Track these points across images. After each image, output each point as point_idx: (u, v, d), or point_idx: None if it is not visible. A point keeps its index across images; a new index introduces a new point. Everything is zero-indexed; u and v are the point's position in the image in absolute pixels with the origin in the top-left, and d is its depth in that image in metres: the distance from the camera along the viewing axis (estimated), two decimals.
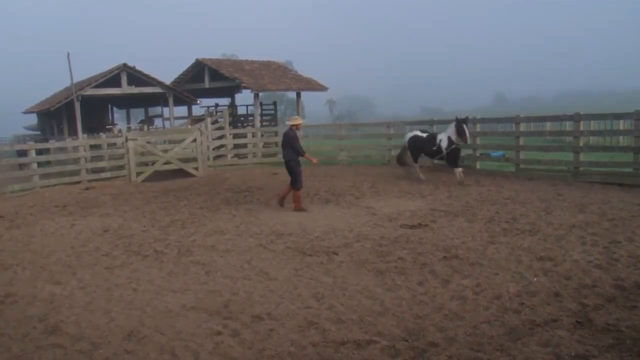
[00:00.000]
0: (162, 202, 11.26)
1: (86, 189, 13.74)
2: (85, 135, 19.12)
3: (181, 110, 26.19)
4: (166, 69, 33.82)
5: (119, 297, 5.50)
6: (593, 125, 20.96)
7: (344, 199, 10.63)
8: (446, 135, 12.29)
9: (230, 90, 23.90)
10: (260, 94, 21.05)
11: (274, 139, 19.67)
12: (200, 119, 21.06)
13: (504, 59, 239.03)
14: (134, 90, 21.73)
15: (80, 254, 7.22)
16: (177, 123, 24.32)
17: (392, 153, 16.62)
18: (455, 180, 11.98)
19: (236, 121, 23.06)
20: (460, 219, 8.36)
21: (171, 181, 14.75)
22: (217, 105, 25.96)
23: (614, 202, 9.09)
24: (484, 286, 5.35)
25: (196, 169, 15.92)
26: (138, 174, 15.11)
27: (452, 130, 12.11)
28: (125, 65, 21.05)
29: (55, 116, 23.82)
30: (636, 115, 10.82)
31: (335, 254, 6.69)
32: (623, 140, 18.84)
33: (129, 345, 4.38)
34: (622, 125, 20.29)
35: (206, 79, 21.96)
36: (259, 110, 21.19)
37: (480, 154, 14.32)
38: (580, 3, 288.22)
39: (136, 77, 21.58)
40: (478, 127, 14.24)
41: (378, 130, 19.72)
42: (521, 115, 13.63)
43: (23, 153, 15.15)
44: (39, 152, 15.69)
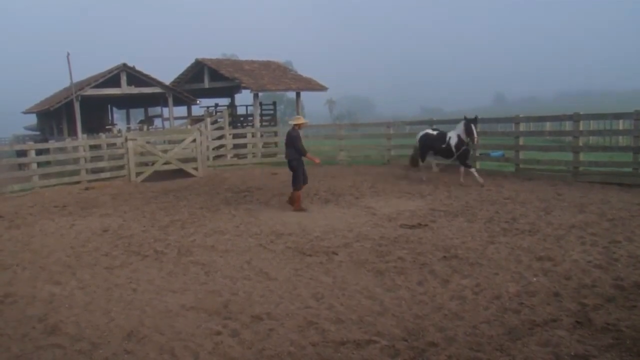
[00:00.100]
0: (162, 202, 11.26)
1: (86, 189, 13.73)
2: (84, 136, 19.11)
3: (181, 111, 26.21)
4: (166, 69, 33.87)
5: (118, 297, 5.50)
6: (593, 125, 21.01)
7: (343, 199, 10.63)
8: (456, 133, 12.19)
9: (230, 91, 23.88)
10: (260, 94, 21.03)
11: (273, 139, 19.69)
12: (200, 119, 21.05)
13: (504, 59, 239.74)
14: (134, 90, 21.72)
15: (80, 254, 7.22)
16: (177, 123, 24.35)
17: (392, 153, 16.65)
18: (470, 181, 11.75)
19: (236, 121, 23.06)
20: (460, 219, 8.36)
21: (171, 181, 14.75)
22: (217, 105, 25.91)
23: (614, 202, 9.09)
24: (483, 286, 5.35)
25: (196, 169, 15.91)
26: (138, 174, 15.11)
27: (462, 129, 12.04)
28: (124, 65, 21.04)
29: (54, 116, 23.83)
30: (636, 115, 10.82)
31: (335, 254, 6.70)
32: (622, 140, 18.87)
33: (129, 345, 4.38)
34: (622, 125, 20.35)
35: (206, 79, 21.95)
36: (259, 111, 21.17)
37: (480, 154, 14.33)
38: (580, 3, 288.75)
39: (136, 77, 21.57)
40: (478, 127, 14.22)
41: (378, 130, 19.72)
42: (521, 115, 13.61)
43: (23, 153, 15.13)
44: (39, 152, 15.66)
